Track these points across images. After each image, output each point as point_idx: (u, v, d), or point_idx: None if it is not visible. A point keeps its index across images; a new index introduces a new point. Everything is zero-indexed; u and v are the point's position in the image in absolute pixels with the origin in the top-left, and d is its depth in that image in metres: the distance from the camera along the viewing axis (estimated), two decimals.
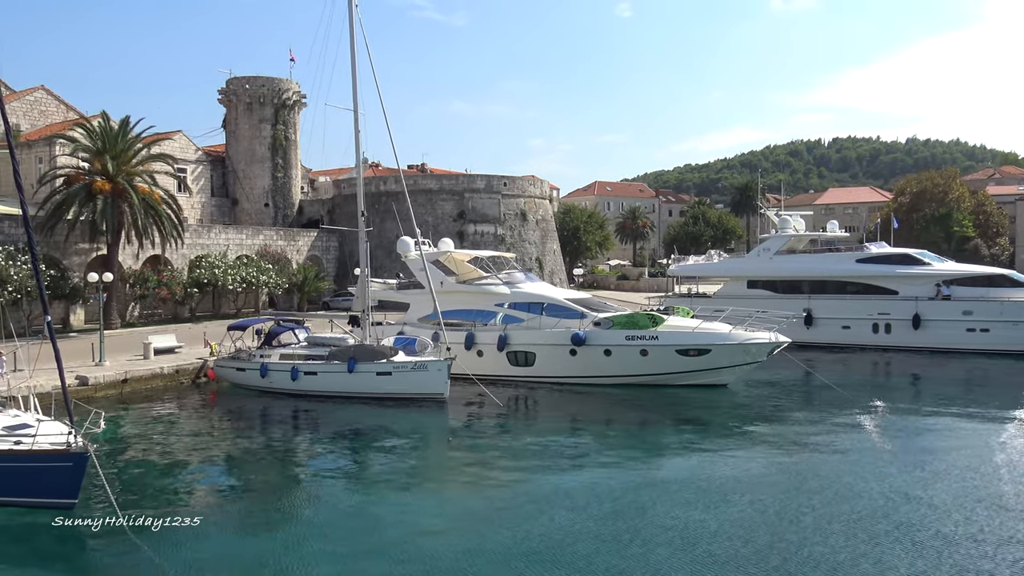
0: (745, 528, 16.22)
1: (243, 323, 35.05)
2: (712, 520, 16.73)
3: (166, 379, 33.72)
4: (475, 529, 16.69)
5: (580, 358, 32.54)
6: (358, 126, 32.26)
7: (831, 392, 31.15)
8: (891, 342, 43.53)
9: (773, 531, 16.02)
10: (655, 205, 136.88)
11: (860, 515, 16.89)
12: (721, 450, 23.53)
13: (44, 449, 17.06)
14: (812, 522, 16.51)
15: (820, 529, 16.11)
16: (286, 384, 31.45)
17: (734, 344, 31.31)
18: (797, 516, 16.92)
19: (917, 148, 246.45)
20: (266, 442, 25.98)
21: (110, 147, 42.71)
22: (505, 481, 20.55)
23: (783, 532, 15.94)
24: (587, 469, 21.48)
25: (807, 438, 24.76)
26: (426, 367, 29.96)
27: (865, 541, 15.38)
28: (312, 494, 20.04)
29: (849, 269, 45.02)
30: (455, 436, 26.50)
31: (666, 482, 19.86)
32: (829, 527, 16.18)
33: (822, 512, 17.14)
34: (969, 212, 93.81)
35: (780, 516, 16.92)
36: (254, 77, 65.82)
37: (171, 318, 49.86)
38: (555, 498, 18.52)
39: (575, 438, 25.92)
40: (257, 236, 58.02)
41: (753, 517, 16.87)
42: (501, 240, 63.57)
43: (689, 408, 29.60)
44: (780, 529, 16.13)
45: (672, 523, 16.67)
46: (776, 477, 20.16)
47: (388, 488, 20.18)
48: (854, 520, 16.59)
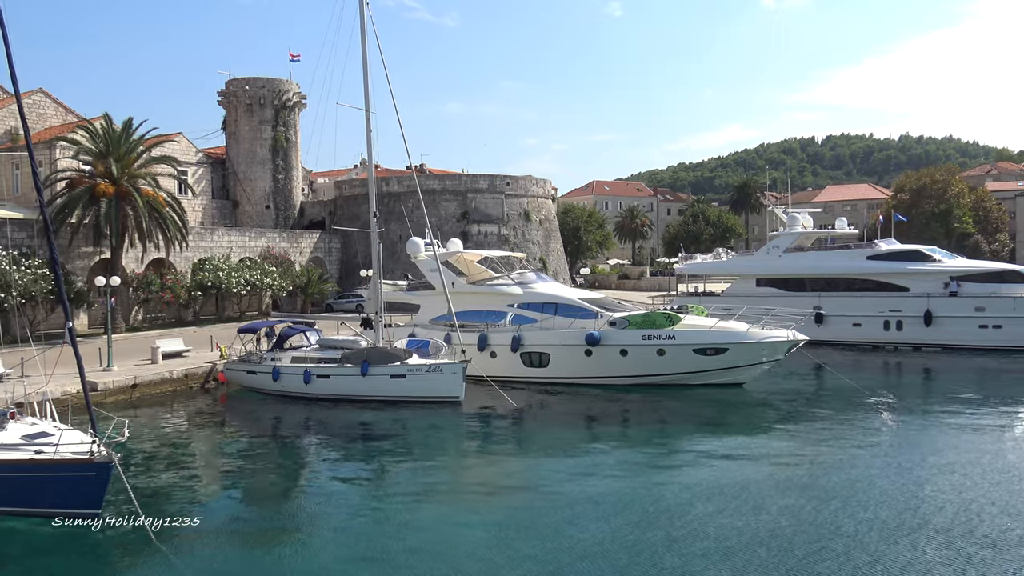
0: (782, 537, 15.65)
1: (253, 326, 34.58)
2: (747, 528, 16.23)
3: (175, 383, 33.25)
4: (503, 540, 16.05)
5: (595, 358, 32.16)
6: (370, 126, 31.87)
7: (850, 391, 30.87)
8: (903, 339, 43.30)
9: (813, 540, 15.47)
10: (653, 204, 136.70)
11: (900, 521, 16.41)
12: (746, 453, 23.11)
13: (66, 458, 16.62)
14: (852, 529, 15.96)
15: (860, 537, 15.55)
16: (298, 387, 31.00)
17: (752, 343, 30.98)
18: (834, 523, 16.36)
19: (910, 145, 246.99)
20: (282, 446, 25.64)
21: (113, 149, 42.18)
22: (528, 487, 20.00)
23: (824, 541, 15.35)
24: (612, 474, 20.95)
25: (831, 439, 24.32)
26: (441, 370, 29.56)
27: (909, 549, 14.91)
28: (332, 500, 19.55)
29: (860, 266, 44.76)
30: (472, 440, 26.14)
31: (695, 487, 19.28)
32: (868, 535, 15.62)
33: (860, 518, 16.59)
34: (969, 208, 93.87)
35: (816, 523, 16.37)
36: (254, 78, 65.29)
37: (175, 321, 49.33)
38: (582, 506, 17.94)
39: (596, 442, 25.43)
40: (260, 238, 57.52)
41: (789, 525, 16.33)
42: (505, 240, 63.20)
43: (708, 408, 29.25)
44: (820, 537, 15.59)
45: (707, 531, 16.12)
46: (805, 480, 19.68)
47: (410, 494, 19.72)
48: (893, 527, 16.06)
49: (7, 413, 18.91)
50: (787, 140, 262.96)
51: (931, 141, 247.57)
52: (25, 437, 18.02)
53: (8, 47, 17.75)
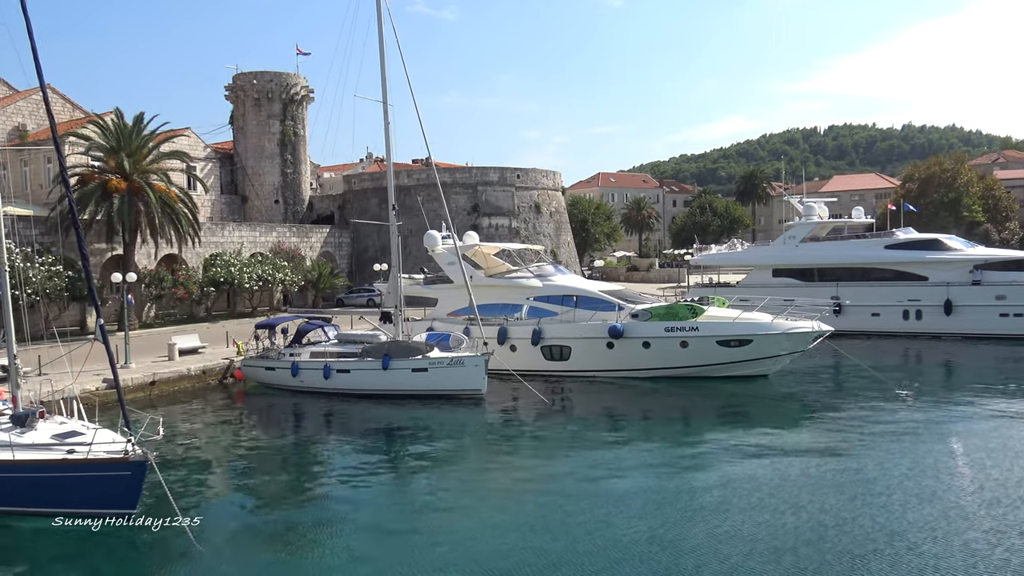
0: (828, 538, 15.03)
1: (271, 321, 34.26)
2: (789, 527, 15.69)
3: (193, 380, 32.98)
4: (536, 541, 15.48)
5: (617, 351, 31.84)
6: (388, 118, 31.50)
7: (876, 382, 30.53)
8: (922, 328, 42.96)
9: (859, 540, 14.92)
10: (659, 196, 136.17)
11: (947, 520, 15.97)
12: (778, 447, 22.69)
13: (101, 458, 16.34)
14: (900, 529, 15.45)
15: (908, 537, 15.02)
16: (318, 383, 30.70)
17: (777, 334, 30.64)
18: (880, 523, 15.78)
19: (913, 134, 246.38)
20: (306, 443, 25.41)
21: (125, 144, 41.82)
22: (556, 485, 19.40)
23: (872, 542, 14.78)
24: (642, 470, 20.56)
25: (863, 432, 23.83)
26: (463, 363, 29.27)
27: (961, 550, 14.40)
28: (360, 497, 19.28)
29: (878, 255, 44.40)
30: (496, 435, 25.83)
31: (731, 484, 18.76)
32: (917, 535, 15.08)
33: (906, 518, 16.06)
34: (978, 197, 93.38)
35: (859, 522, 15.80)
36: (261, 72, 64.88)
37: (186, 318, 49.05)
38: (615, 504, 17.45)
39: (622, 436, 25.00)
40: (270, 233, 57.21)
41: (833, 524, 15.80)
42: (516, 233, 62.83)
43: (733, 401, 28.93)
44: (867, 538, 15.02)
45: (748, 531, 15.54)
46: (842, 476, 19.16)
47: (439, 492, 19.43)
48: (943, 527, 15.58)
49: (36, 412, 18.61)
50: (789, 130, 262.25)
51: (934, 130, 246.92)
52: (56, 436, 17.74)
53: (33, 43, 17.44)
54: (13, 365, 19.26)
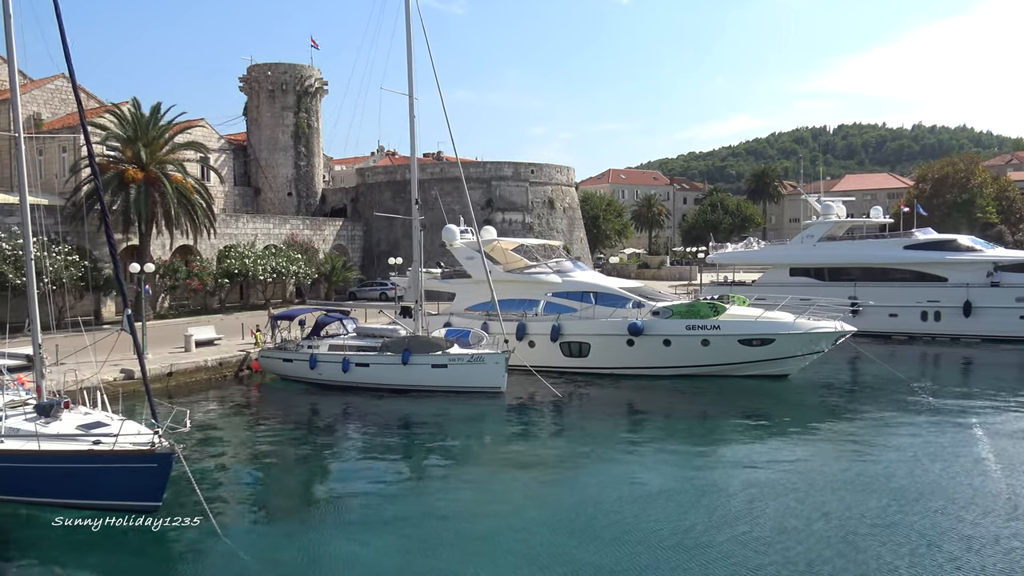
0: (861, 546, 14.68)
1: (289, 313, 34.05)
2: (820, 533, 15.29)
3: (210, 371, 32.84)
4: (560, 545, 15.13)
5: (637, 348, 31.59)
6: (413, 111, 31.23)
7: (897, 382, 30.25)
8: (941, 330, 42.60)
9: (894, 547, 14.60)
10: (669, 193, 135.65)
11: (985, 525, 15.72)
12: (802, 448, 22.44)
13: (127, 450, 16.14)
14: (934, 536, 15.14)
15: (942, 544, 14.71)
16: (336, 376, 30.53)
17: (799, 333, 30.36)
18: (914, 529, 15.52)
19: (923, 135, 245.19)
20: (327, 436, 25.28)
21: (142, 135, 41.67)
22: (580, 486, 18.96)
23: (912, 552, 14.42)
24: (665, 472, 20.14)
25: (888, 434, 23.63)
26: (483, 359, 29.06)
27: (1003, 557, 14.17)
28: (381, 492, 19.10)
29: (896, 256, 44.02)
30: (516, 433, 25.59)
31: (757, 487, 18.31)
32: (953, 542, 14.83)
33: (939, 525, 15.74)
34: (992, 198, 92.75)
35: (891, 528, 15.48)
36: (276, 64, 64.63)
37: (200, 309, 48.93)
38: (640, 506, 17.11)
39: (644, 436, 24.74)
40: (284, 225, 57.05)
41: (867, 531, 15.38)
42: (529, 228, 62.59)
43: (754, 401, 28.64)
44: (902, 545, 14.69)
45: (779, 537, 15.12)
46: (868, 479, 18.78)
47: (460, 491, 19.11)
48: (981, 534, 15.28)
49: (61, 402, 18.44)
50: (799, 129, 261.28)
51: (944, 130, 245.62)
52: (81, 427, 17.57)
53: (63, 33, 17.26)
54: (38, 354, 19.09)
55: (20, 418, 18.03)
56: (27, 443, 16.69)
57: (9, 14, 18.21)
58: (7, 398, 18.69)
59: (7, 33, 18.29)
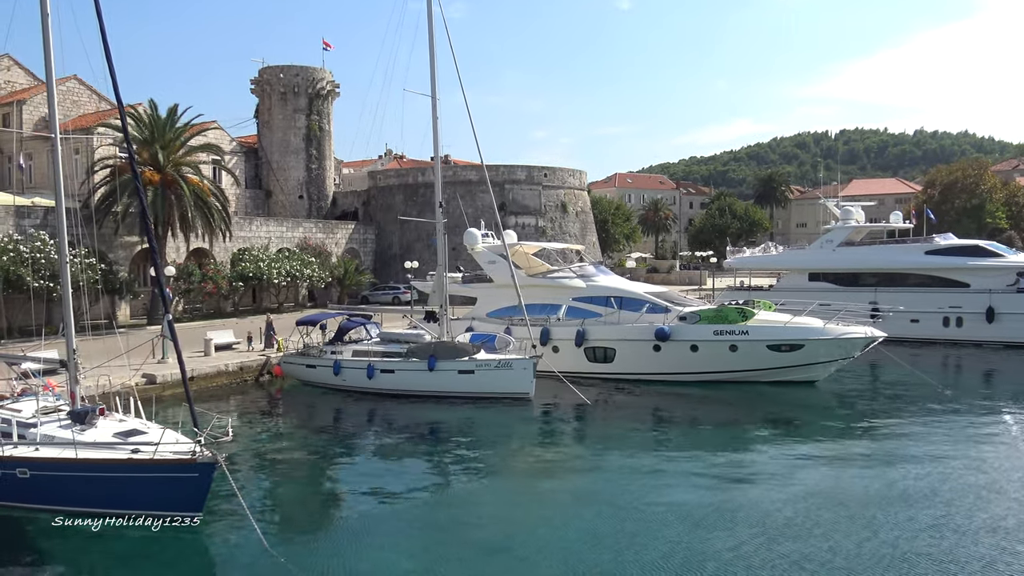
0: (917, 565, 14.18)
1: (312, 318, 33.62)
2: (867, 553, 14.62)
3: (231, 376, 32.45)
4: (602, 559, 14.63)
5: (664, 354, 31.21)
6: (436, 112, 30.92)
7: (928, 388, 29.92)
8: (963, 336, 42.24)
9: (953, 569, 14.09)
10: (676, 197, 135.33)
11: None
12: (836, 458, 21.90)
13: (167, 459, 15.74)
14: (994, 553, 14.65)
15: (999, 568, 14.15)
16: (361, 382, 30.12)
17: (829, 339, 30.02)
18: (977, 551, 15.02)
19: (926, 140, 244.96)
20: (356, 443, 24.84)
21: (159, 136, 41.33)
22: (615, 496, 18.35)
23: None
24: (701, 483, 19.46)
25: (925, 443, 23.04)
26: (511, 365, 28.68)
27: None
28: (418, 499, 18.82)
29: (918, 261, 43.71)
30: (546, 440, 25.18)
31: (795, 499, 17.70)
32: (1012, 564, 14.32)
33: (995, 544, 15.17)
34: (1002, 203, 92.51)
35: (942, 548, 14.97)
36: (288, 66, 64.36)
37: (213, 312, 48.53)
38: (678, 517, 16.56)
39: (676, 444, 24.12)
40: (297, 228, 56.73)
41: (913, 548, 14.84)
42: (542, 232, 62.24)
43: (784, 408, 28.28)
44: (962, 565, 14.19)
45: (822, 555, 14.50)
46: (911, 493, 18.18)
47: (498, 501, 18.69)
48: None
49: (96, 409, 18.05)
50: (800, 134, 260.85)
51: (946, 136, 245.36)
52: (118, 435, 17.19)
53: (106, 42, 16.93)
54: (72, 360, 18.72)
55: (54, 425, 17.67)
56: (64, 451, 16.31)
57: (47, 12, 17.91)
58: (40, 404, 18.27)
59: (45, 38, 17.99)
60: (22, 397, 19.83)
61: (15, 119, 53.87)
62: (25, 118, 52.87)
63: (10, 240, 36.99)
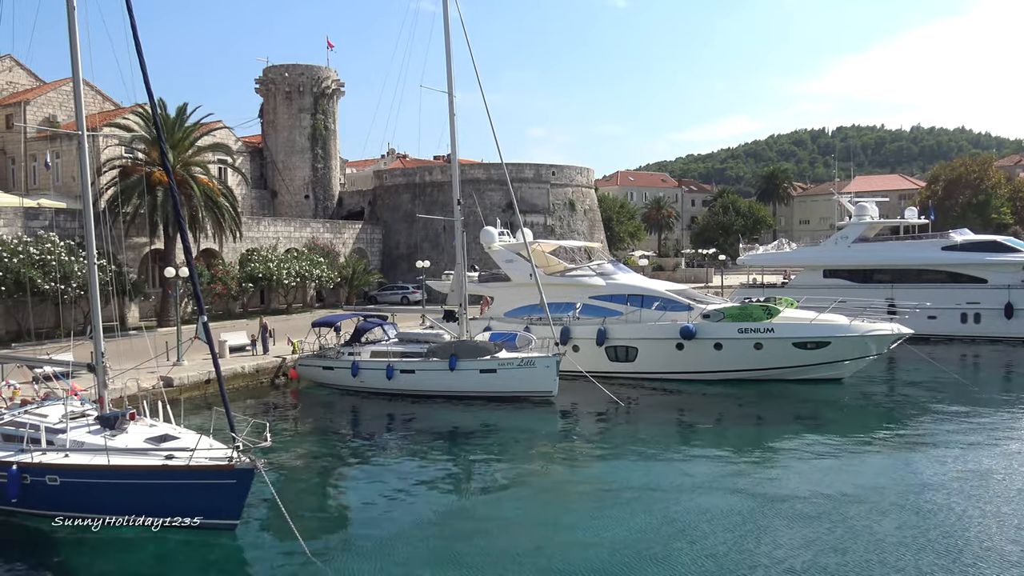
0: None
1: (329, 319, 33.15)
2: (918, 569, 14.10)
3: (247, 378, 32.02)
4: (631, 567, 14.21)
5: (688, 352, 30.79)
6: (453, 109, 30.51)
7: (957, 385, 29.55)
8: (981, 332, 41.90)
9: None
10: (678, 195, 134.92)
11: None
12: (868, 458, 21.49)
13: (204, 465, 15.28)
14: None
15: None
16: (380, 383, 29.66)
17: (855, 336, 29.64)
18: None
19: (922, 136, 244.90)
20: (380, 446, 24.26)
21: (168, 136, 40.73)
22: (645, 500, 17.88)
23: None
24: (732, 485, 18.87)
25: (960, 442, 22.55)
26: (534, 364, 28.25)
27: None
28: (445, 502, 18.56)
29: (934, 257, 43.36)
30: (566, 437, 24.72)
31: (831, 501, 17.17)
32: None
33: None
34: (1007, 199, 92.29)
35: (991, 551, 14.64)
36: (293, 65, 63.78)
37: (222, 314, 47.99)
38: (711, 521, 16.14)
39: (704, 444, 23.65)
40: (304, 229, 56.23)
41: (961, 556, 14.35)
42: (551, 231, 61.81)
43: (812, 406, 27.90)
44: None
45: (873, 569, 13.97)
46: (950, 495, 17.84)
47: (525, 503, 18.34)
48: None
49: (126, 413, 17.59)
50: (797, 131, 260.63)
51: (943, 132, 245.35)
52: (150, 440, 16.76)
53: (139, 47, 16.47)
54: (100, 364, 18.26)
55: (83, 430, 17.21)
56: (95, 457, 15.87)
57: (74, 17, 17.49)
58: (67, 408, 17.78)
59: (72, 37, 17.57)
60: (46, 402, 19.39)
61: (21, 119, 53.26)
62: (29, 118, 52.27)
63: (20, 242, 36.47)
